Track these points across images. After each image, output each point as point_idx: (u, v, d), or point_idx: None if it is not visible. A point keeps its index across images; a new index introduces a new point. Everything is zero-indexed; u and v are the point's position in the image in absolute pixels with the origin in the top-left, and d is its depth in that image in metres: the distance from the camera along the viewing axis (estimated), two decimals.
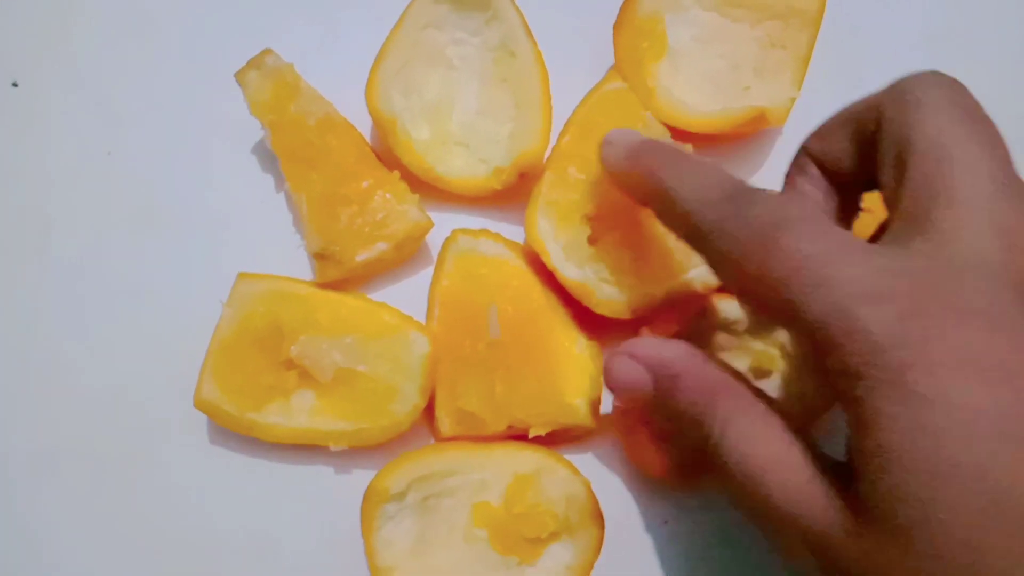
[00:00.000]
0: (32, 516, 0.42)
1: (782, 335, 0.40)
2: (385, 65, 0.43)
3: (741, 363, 0.41)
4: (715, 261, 0.30)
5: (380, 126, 0.42)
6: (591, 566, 0.38)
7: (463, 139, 0.44)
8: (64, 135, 0.47)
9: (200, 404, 0.40)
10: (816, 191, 0.33)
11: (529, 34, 0.42)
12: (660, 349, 0.31)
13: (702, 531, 0.41)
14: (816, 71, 0.44)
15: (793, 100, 0.43)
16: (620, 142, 0.35)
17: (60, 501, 0.42)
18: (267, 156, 0.46)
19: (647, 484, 0.41)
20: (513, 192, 0.43)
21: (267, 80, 0.42)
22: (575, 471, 0.38)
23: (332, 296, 0.41)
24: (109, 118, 0.47)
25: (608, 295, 0.40)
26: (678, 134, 0.42)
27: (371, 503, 0.38)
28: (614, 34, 0.44)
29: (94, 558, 0.42)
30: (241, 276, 0.41)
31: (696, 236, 0.30)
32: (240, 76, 0.42)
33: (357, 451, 0.40)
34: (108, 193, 0.46)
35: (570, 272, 0.40)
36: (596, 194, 0.40)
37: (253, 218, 0.45)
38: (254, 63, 0.42)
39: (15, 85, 0.48)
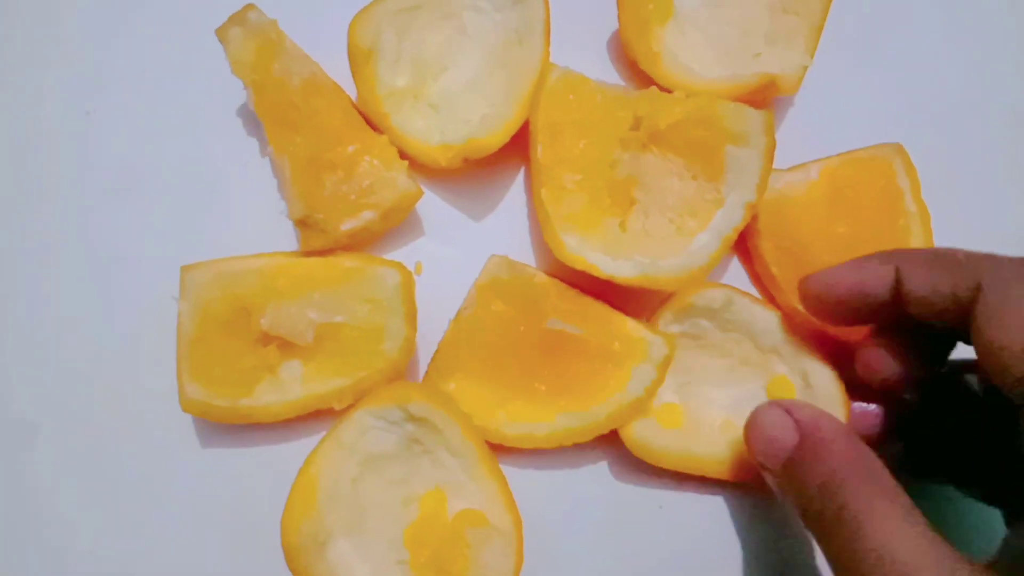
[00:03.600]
0: (10, 487, 0.41)
1: (808, 364, 0.38)
2: (391, 0, 0.41)
3: (755, 379, 0.39)
4: None
5: (353, 56, 0.40)
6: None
7: (438, 103, 0.42)
8: (41, 94, 0.45)
9: (188, 407, 0.38)
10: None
11: (546, 31, 0.40)
12: (816, 412, 0.33)
13: (696, 515, 0.39)
14: (829, 39, 0.42)
15: (805, 68, 0.41)
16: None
17: (38, 473, 0.41)
18: (252, 119, 0.44)
19: (642, 469, 0.39)
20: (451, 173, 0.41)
21: (249, 38, 0.40)
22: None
23: (284, 261, 0.39)
24: (88, 76, 0.45)
25: (666, 270, 0.38)
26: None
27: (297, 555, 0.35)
28: None
29: (80, 529, 0.40)
30: (185, 268, 0.39)
31: None
32: (221, 33, 0.40)
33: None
34: (87, 154, 0.44)
35: (626, 271, 0.37)
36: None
37: (237, 183, 0.43)
38: (236, 19, 0.40)
39: None
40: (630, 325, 0.39)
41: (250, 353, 0.38)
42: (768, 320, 0.39)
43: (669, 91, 0.41)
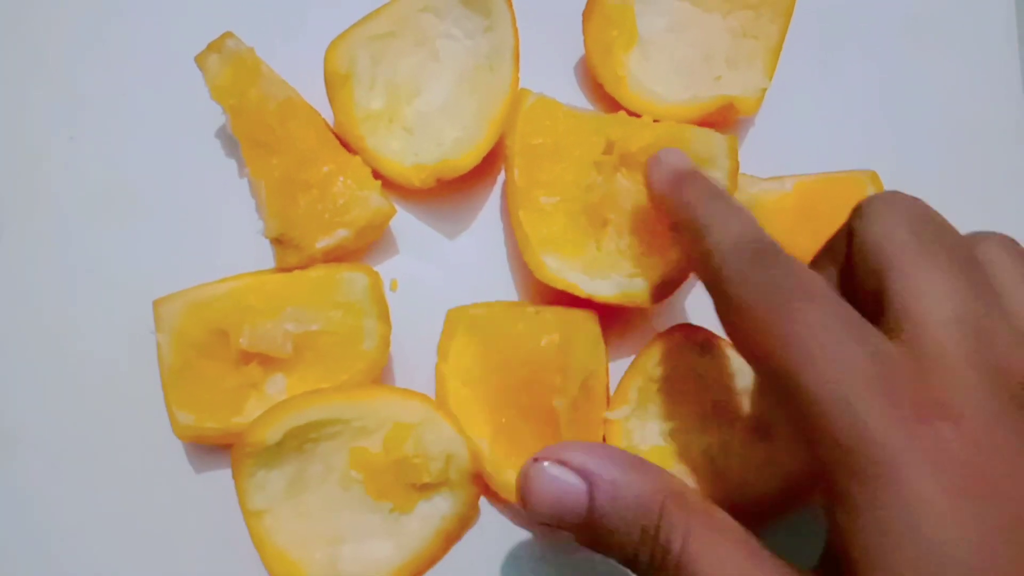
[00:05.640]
0: None
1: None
2: (366, 27, 0.42)
3: (729, 424, 0.39)
4: (724, 310, 0.29)
5: (329, 80, 0.41)
6: (467, 521, 0.37)
7: (412, 126, 0.43)
8: (25, 120, 0.46)
9: (182, 434, 0.38)
10: None
11: (516, 58, 0.42)
12: (594, 451, 0.28)
13: None
14: (788, 61, 0.44)
15: (764, 90, 0.43)
16: (667, 165, 0.35)
17: (18, 489, 0.41)
18: (230, 142, 0.45)
19: None
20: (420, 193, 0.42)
21: (227, 64, 0.41)
22: (459, 429, 0.37)
23: (252, 281, 0.40)
24: (71, 102, 0.46)
25: (642, 287, 0.39)
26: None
27: (243, 454, 0.36)
28: (583, 22, 0.44)
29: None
30: (157, 302, 0.39)
31: (714, 279, 0.29)
32: (200, 60, 0.41)
33: None
34: (70, 180, 0.45)
35: (605, 289, 0.39)
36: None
37: (216, 205, 0.44)
38: (214, 46, 0.41)
39: None
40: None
41: (233, 373, 0.39)
42: (740, 361, 0.39)
43: (636, 114, 0.42)
